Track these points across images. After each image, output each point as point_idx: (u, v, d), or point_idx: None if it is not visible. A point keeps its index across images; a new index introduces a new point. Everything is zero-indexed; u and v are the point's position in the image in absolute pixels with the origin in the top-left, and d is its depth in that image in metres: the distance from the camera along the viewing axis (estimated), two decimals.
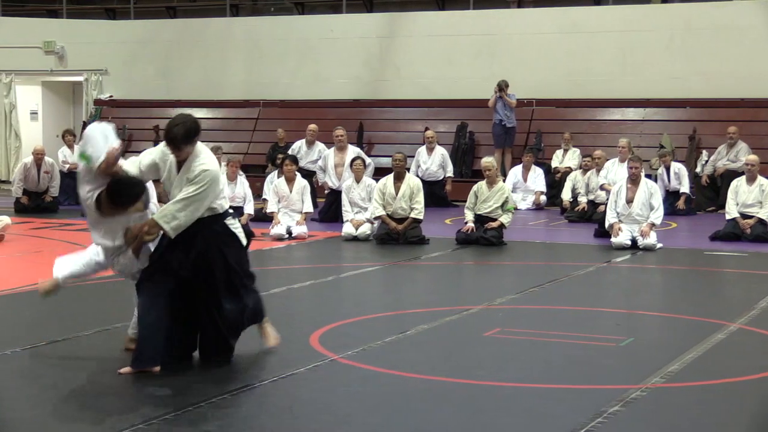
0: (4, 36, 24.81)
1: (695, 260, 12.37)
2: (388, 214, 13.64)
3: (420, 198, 13.69)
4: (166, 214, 6.53)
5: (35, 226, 15.35)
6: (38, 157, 17.87)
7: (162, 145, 6.71)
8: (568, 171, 18.42)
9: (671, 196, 17.31)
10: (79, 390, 6.16)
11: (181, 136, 6.51)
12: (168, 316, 6.60)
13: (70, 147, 19.42)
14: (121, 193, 6.59)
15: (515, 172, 18.68)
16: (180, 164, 6.66)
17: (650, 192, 13.19)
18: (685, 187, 17.48)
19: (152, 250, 6.71)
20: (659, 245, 12.92)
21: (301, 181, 14.58)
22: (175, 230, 6.52)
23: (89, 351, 7.21)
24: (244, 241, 6.92)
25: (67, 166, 19.10)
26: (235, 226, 6.88)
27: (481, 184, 13.68)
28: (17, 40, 24.67)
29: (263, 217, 14.73)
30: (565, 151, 19.52)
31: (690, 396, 6.26)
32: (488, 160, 13.83)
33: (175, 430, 5.43)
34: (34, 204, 17.70)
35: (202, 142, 6.76)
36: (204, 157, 6.66)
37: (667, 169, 17.63)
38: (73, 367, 6.70)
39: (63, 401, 5.93)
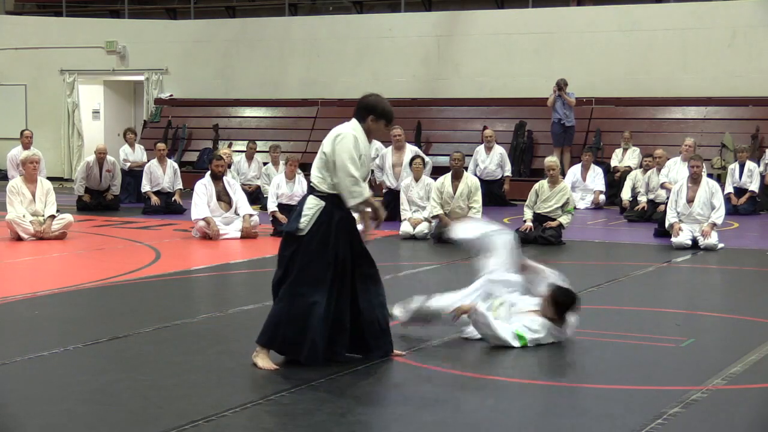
0: (67, 36, 25.22)
1: (758, 261, 12.18)
2: (445, 213, 13.62)
3: (478, 197, 13.66)
4: None
5: (97, 224, 15.54)
6: (100, 156, 18.08)
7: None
8: (628, 170, 18.28)
9: (736, 194, 17.12)
10: (139, 385, 6.22)
11: None
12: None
13: (131, 145, 19.66)
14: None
15: (574, 171, 18.57)
16: None
17: (711, 191, 13.02)
18: (754, 186, 17.26)
19: None
20: (720, 245, 12.76)
21: None
22: None
23: (150, 347, 7.29)
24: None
25: (128, 164, 19.35)
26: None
27: (543, 183, 13.60)
28: (80, 40, 25.06)
29: None
30: (625, 150, 19.36)
31: (751, 398, 6.18)
32: (552, 160, 13.74)
33: (233, 426, 5.47)
34: (96, 202, 17.91)
35: (260, 141, 6.80)
36: None
37: (742, 166, 17.42)
38: (134, 363, 6.78)
39: (123, 396, 6.00)
